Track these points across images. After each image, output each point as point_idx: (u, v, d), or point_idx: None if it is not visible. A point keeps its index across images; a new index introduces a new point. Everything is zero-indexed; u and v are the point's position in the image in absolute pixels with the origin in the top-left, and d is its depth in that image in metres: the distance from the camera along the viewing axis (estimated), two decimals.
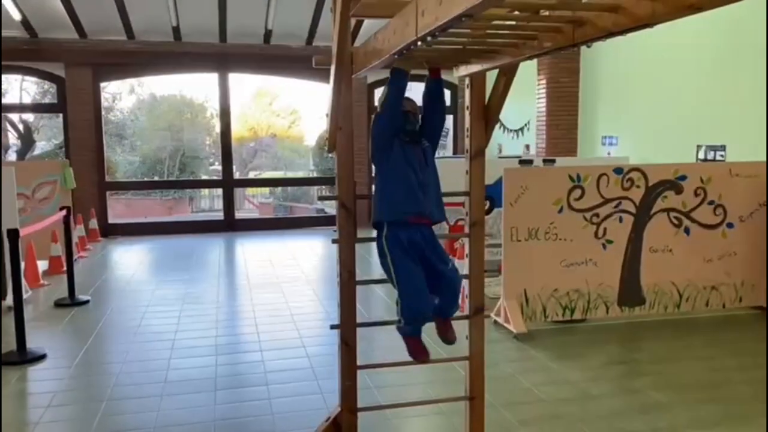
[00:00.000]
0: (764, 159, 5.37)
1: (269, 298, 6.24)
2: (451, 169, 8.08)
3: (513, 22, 1.88)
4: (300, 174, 20.40)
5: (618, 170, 5.12)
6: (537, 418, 3.50)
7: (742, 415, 3.47)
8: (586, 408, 3.62)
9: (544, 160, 7.13)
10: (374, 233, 2.63)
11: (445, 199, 2.67)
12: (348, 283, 2.65)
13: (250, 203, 19.66)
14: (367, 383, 3.68)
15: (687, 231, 5.24)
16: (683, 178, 5.20)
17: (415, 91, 2.75)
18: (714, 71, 6.13)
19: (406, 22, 1.76)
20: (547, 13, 1.79)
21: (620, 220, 5.12)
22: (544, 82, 8.93)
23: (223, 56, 10.59)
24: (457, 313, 2.72)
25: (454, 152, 11.80)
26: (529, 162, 6.96)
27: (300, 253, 9.00)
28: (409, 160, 2.61)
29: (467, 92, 2.73)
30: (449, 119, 12.79)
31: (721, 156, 6.07)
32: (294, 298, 6.28)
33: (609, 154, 8.14)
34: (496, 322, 5.11)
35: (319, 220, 12.67)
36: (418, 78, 2.70)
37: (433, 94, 2.73)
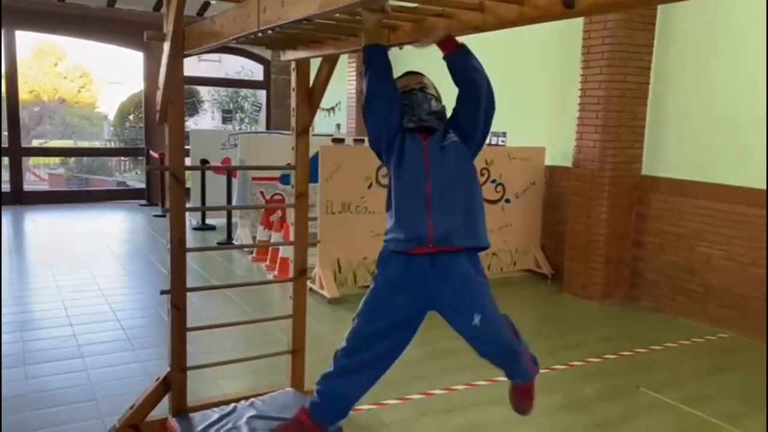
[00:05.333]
0: (537, 145, 6.35)
1: (74, 275, 5.96)
2: (267, 144, 8.26)
3: (335, 23, 2.19)
4: (96, 144, 18.92)
5: None
6: None
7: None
8: None
9: (355, 140, 7.62)
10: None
11: (263, 173, 2.64)
12: (178, 250, 2.80)
13: (34, 175, 17.75)
14: (194, 347, 3.83)
15: None
16: None
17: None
18: (500, 67, 7.03)
19: (248, 14, 1.98)
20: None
21: None
22: (354, 64, 9.42)
23: (7, 10, 9.54)
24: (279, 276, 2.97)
25: (267, 128, 11.92)
26: (342, 141, 7.40)
27: (103, 228, 8.57)
28: (412, 160, 2.13)
29: (293, 75, 2.98)
30: (262, 94, 12.83)
31: (503, 141, 7.02)
32: (102, 273, 6.07)
33: None
34: (311, 288, 5.48)
35: (122, 193, 12.05)
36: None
37: (455, 72, 2.14)
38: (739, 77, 4.78)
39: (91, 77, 22.49)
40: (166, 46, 2.57)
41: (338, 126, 10.07)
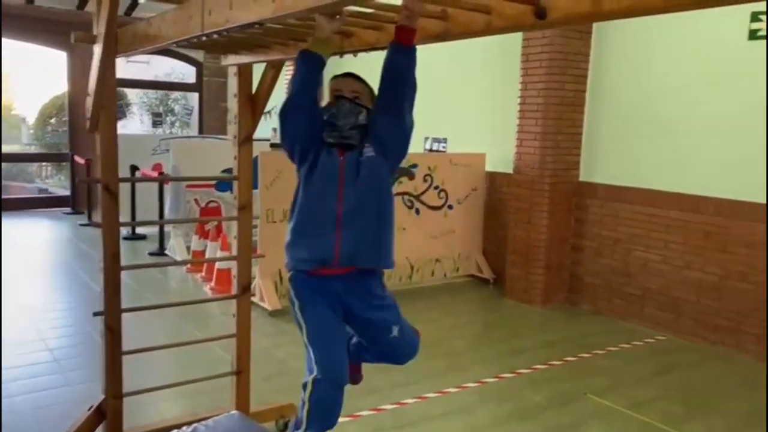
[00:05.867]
0: (478, 151, 6.39)
1: None
2: (201, 150, 7.97)
3: (284, 27, 2.07)
4: (16, 148, 17.86)
5: None
6: (292, 387, 3.77)
7: (461, 366, 4.18)
8: None
9: None
10: None
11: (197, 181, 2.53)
12: (112, 267, 2.60)
13: None
14: (129, 368, 3.59)
15: (417, 212, 6.01)
16: (415, 166, 5.94)
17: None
18: (441, 74, 7.04)
19: (190, 16, 1.84)
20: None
21: None
22: (291, 69, 9.23)
23: None
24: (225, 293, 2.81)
25: (200, 132, 11.55)
26: (279, 145, 7.21)
27: (25, 238, 8.05)
28: (326, 176, 2.05)
29: (235, 80, 2.84)
30: (194, 97, 12.44)
31: (443, 147, 7.02)
32: (24, 289, 5.67)
33: None
34: (251, 301, 5.28)
35: (44, 201, 11.39)
36: None
37: (394, 68, 1.91)
38: (671, 84, 4.93)
39: (7, 77, 21.26)
40: (97, 49, 2.38)
41: (275, 130, 9.85)
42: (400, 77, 1.95)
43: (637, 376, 4.10)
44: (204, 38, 1.86)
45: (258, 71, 2.74)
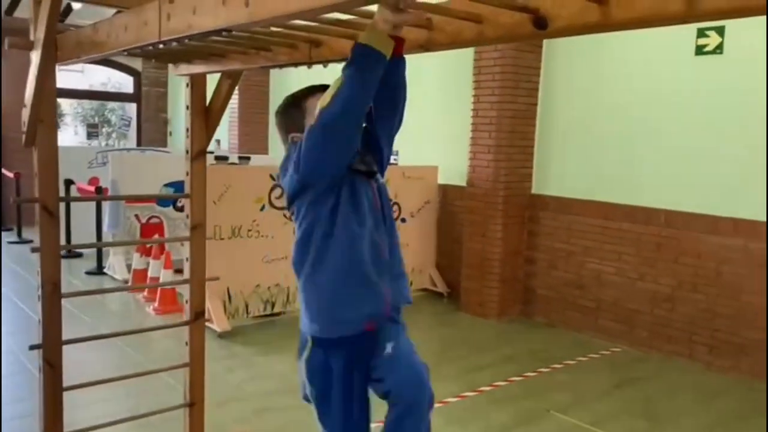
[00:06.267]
0: (430, 164, 6.32)
1: None
2: (141, 163, 7.61)
3: (248, 34, 1.91)
4: None
5: None
6: (249, 414, 3.58)
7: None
8: (293, 397, 3.82)
9: (240, 157, 7.21)
10: None
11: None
12: (51, 296, 2.36)
13: None
14: (69, 402, 3.30)
15: None
16: None
17: None
18: None
19: (145, 21, 1.66)
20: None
21: None
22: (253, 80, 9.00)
23: None
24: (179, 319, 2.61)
25: (138, 144, 11.11)
26: (225, 158, 6.96)
27: None
28: (369, 208, 1.76)
29: (187, 91, 2.65)
30: (132, 107, 11.97)
31: (395, 160, 6.93)
32: None
33: None
34: None
35: None
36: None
37: (394, 80, 1.77)
38: (620, 98, 5.00)
39: None
40: (35, 56, 2.15)
41: (218, 142, 9.55)
42: (402, 92, 1.83)
43: (598, 390, 4.09)
44: (161, 46, 1.69)
45: (212, 81, 2.57)
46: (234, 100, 9.05)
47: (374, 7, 1.54)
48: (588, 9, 1.16)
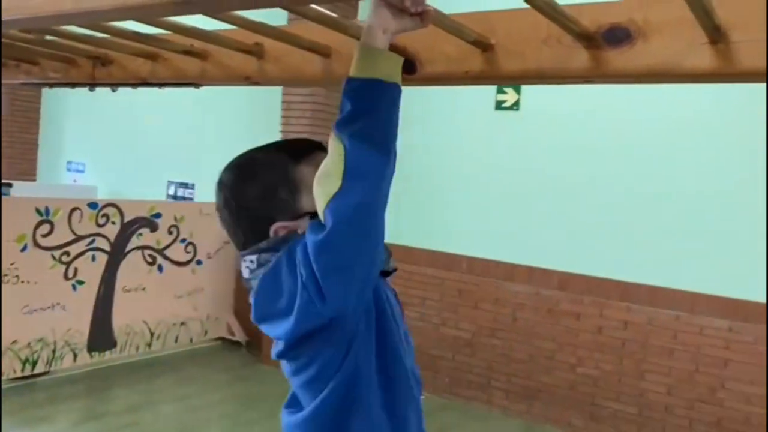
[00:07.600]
0: None
1: None
2: None
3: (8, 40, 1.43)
4: None
5: (93, 205, 4.75)
6: None
7: None
8: None
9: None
10: None
11: None
12: None
13: None
14: None
15: (160, 268, 5.24)
16: (158, 215, 5.20)
17: None
18: (185, 115, 6.38)
19: None
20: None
21: (93, 258, 4.74)
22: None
23: None
24: None
25: None
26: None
27: None
28: (397, 322, 1.18)
29: None
30: None
31: (191, 194, 6.36)
32: None
33: (75, 181, 7.57)
34: None
35: None
36: None
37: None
38: (423, 144, 5.05)
39: None
40: None
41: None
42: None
43: None
44: None
45: None
46: None
47: (248, 14, 1.07)
48: (471, 57, 0.93)
